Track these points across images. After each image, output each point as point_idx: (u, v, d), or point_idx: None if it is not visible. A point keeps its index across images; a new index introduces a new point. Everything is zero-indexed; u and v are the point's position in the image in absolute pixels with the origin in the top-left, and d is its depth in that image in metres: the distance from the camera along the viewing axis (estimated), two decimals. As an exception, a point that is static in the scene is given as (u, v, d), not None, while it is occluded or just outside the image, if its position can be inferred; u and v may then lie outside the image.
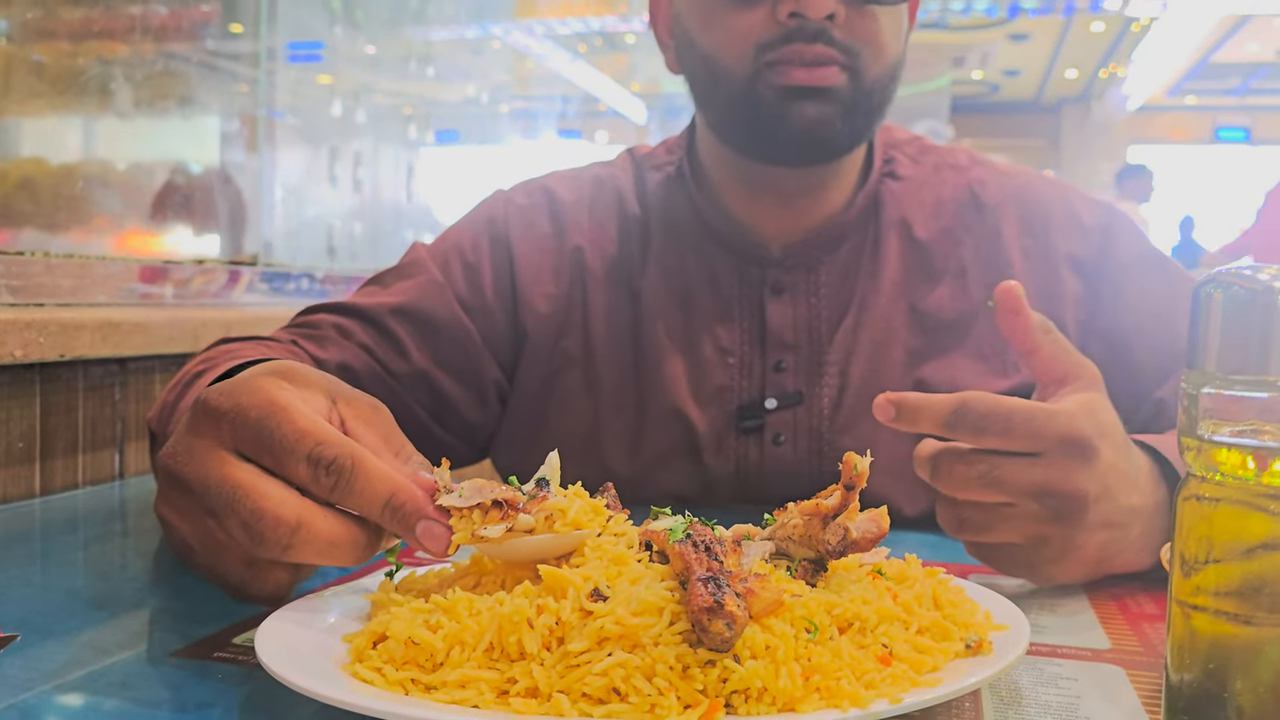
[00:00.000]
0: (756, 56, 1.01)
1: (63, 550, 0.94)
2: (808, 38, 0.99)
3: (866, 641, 0.56)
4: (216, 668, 0.61)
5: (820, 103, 1.01)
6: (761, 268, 1.12)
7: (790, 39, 1.00)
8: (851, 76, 1.01)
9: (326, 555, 0.61)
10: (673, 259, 1.14)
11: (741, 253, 1.12)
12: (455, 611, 0.56)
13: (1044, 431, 0.72)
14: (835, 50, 1.00)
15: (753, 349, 1.11)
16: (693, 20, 1.07)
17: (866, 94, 1.03)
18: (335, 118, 2.52)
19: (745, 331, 1.11)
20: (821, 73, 1.00)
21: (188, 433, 0.63)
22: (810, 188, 1.11)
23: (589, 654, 0.51)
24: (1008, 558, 0.79)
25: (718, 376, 1.11)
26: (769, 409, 1.09)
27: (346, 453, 0.60)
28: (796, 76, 1.00)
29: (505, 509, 0.60)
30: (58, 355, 1.12)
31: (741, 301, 1.12)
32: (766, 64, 1.01)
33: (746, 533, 0.65)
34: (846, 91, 1.01)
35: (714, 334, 1.11)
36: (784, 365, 1.10)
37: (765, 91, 1.01)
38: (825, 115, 1.01)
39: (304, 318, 1.11)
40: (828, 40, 1.00)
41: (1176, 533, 0.49)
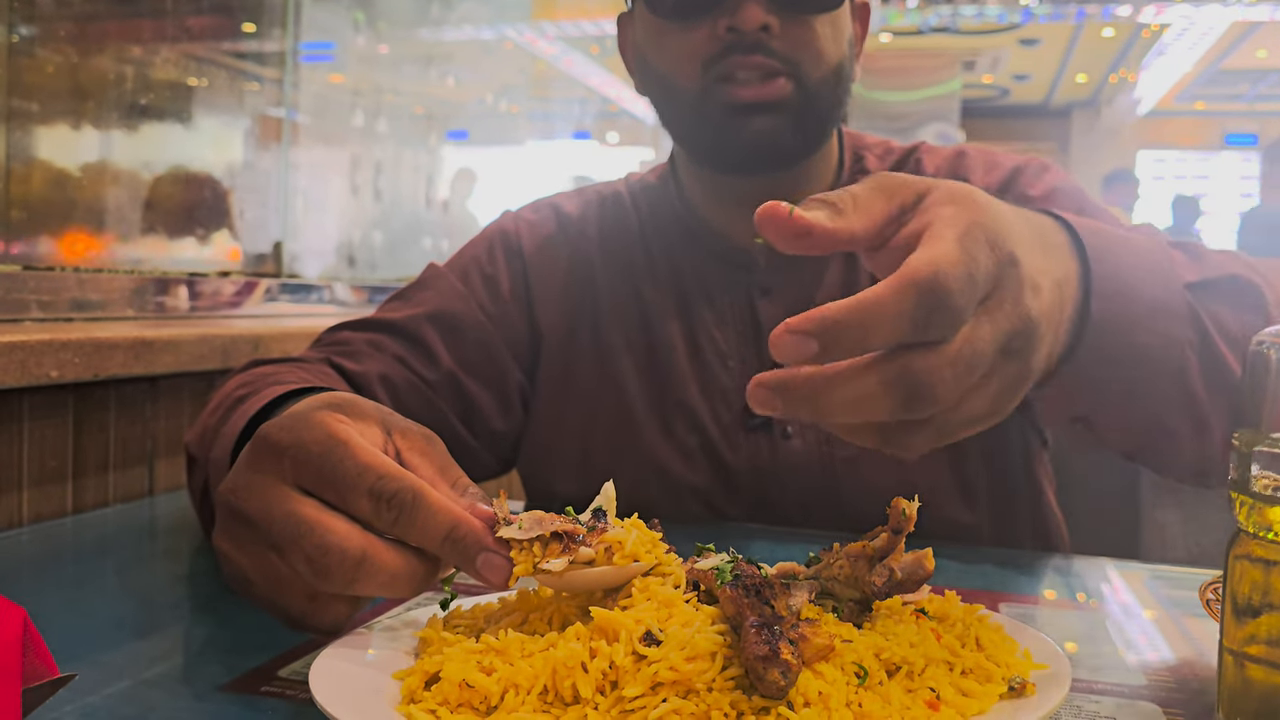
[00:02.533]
0: (704, 73, 1.06)
1: (100, 575, 0.95)
2: (745, 49, 1.04)
3: (914, 685, 0.56)
4: (265, 702, 0.62)
5: (769, 116, 1.05)
6: (748, 271, 1.16)
7: (730, 52, 1.04)
8: (796, 85, 1.05)
9: (388, 588, 0.61)
10: (669, 267, 1.19)
11: (726, 259, 1.17)
12: (508, 653, 0.56)
13: (967, 289, 0.57)
14: (775, 60, 1.04)
15: (749, 350, 1.15)
16: (647, 45, 1.12)
17: (812, 100, 1.07)
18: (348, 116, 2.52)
19: (740, 333, 1.15)
20: (767, 88, 1.04)
21: (249, 468, 0.64)
22: (777, 194, 1.10)
23: (643, 699, 0.52)
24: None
25: (721, 379, 1.15)
26: None
27: (407, 486, 0.61)
28: (743, 94, 1.04)
29: (566, 541, 0.61)
30: (91, 375, 1.13)
31: (733, 306, 1.16)
32: (715, 80, 1.05)
33: (791, 571, 0.66)
34: (793, 101, 1.06)
35: (712, 338, 1.16)
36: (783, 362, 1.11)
37: (714, 108, 1.06)
38: (775, 127, 1.06)
39: (333, 335, 1.14)
40: (766, 51, 1.04)
41: (1228, 586, 0.49)
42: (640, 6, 1.11)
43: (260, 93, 1.99)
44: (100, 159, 1.54)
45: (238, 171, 1.87)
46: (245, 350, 1.34)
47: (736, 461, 1.13)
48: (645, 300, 1.18)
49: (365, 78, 2.62)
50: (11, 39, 1.35)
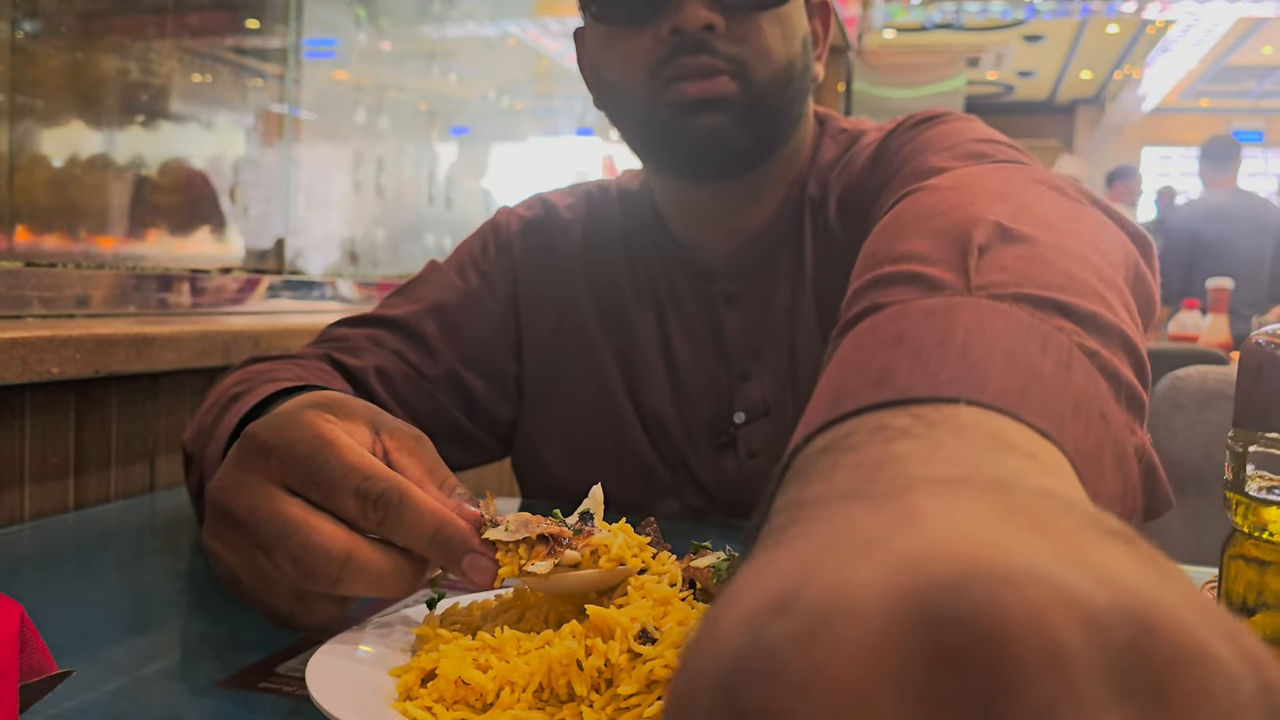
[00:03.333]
0: (651, 77, 1.04)
1: (100, 569, 0.95)
2: (691, 50, 1.02)
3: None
4: (262, 699, 0.62)
5: (714, 113, 1.03)
6: (711, 281, 1.15)
7: (676, 54, 1.03)
8: (742, 84, 1.03)
9: (375, 587, 0.62)
10: (646, 275, 1.19)
11: (692, 267, 1.16)
12: (504, 650, 0.57)
13: None
14: (720, 60, 1.02)
15: (715, 362, 1.13)
16: (597, 55, 1.11)
17: (760, 99, 1.04)
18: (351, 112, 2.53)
19: (706, 345, 1.14)
20: (711, 84, 1.02)
21: (236, 467, 0.64)
22: (736, 201, 1.13)
23: (639, 697, 0.52)
24: None
25: (689, 391, 1.14)
26: (737, 424, 1.11)
27: (394, 487, 0.61)
28: (687, 91, 1.03)
29: (551, 544, 0.61)
30: (93, 371, 1.13)
31: (699, 315, 1.15)
32: (662, 82, 1.04)
33: (787, 570, 0.66)
34: (739, 99, 1.03)
35: (681, 348, 1.15)
36: (749, 374, 1.12)
37: (662, 109, 1.04)
38: (720, 125, 1.04)
39: (332, 332, 1.15)
40: (711, 51, 1.02)
41: (1222, 589, 0.49)
42: (588, 18, 1.11)
43: (263, 89, 1.99)
44: (101, 155, 1.55)
45: (240, 168, 1.88)
46: (247, 347, 1.35)
47: (704, 475, 1.13)
48: (625, 304, 1.18)
49: (368, 74, 2.62)
50: (15, 35, 1.35)
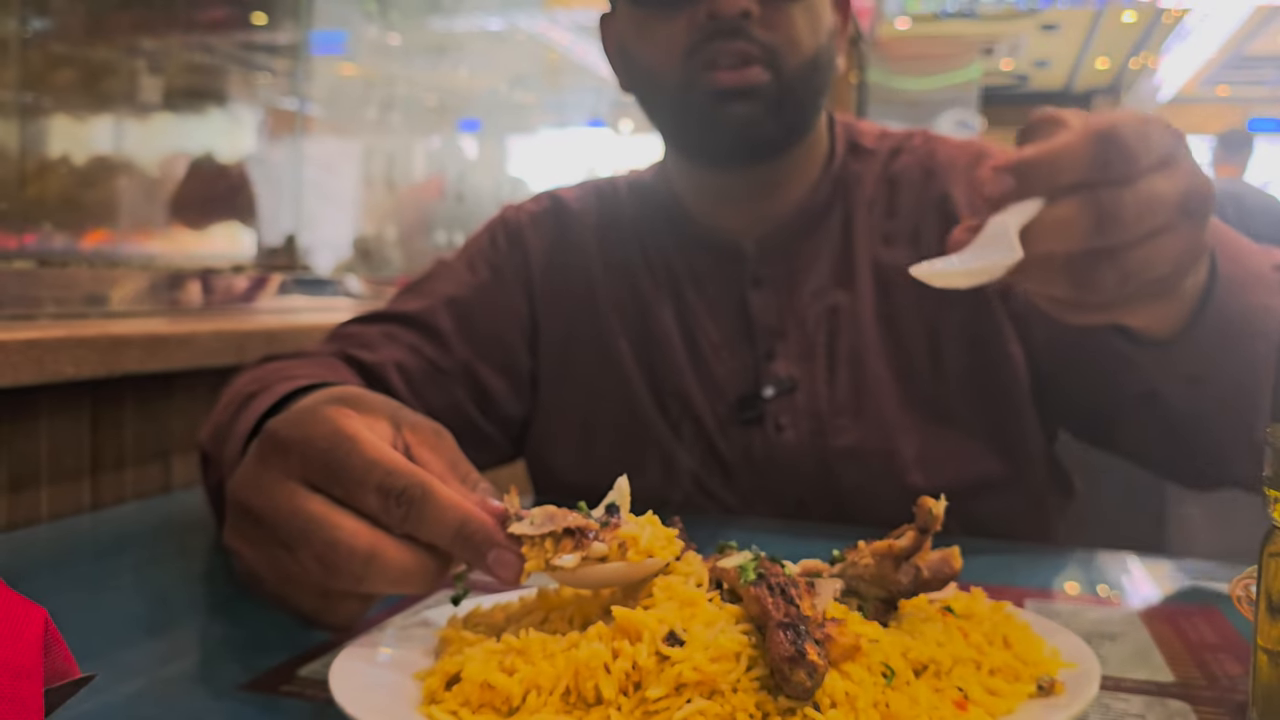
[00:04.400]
0: (686, 62, 1.06)
1: (118, 571, 0.95)
2: (726, 35, 1.04)
3: (942, 685, 0.55)
4: (285, 703, 0.62)
5: (746, 102, 1.06)
6: (739, 263, 1.16)
7: (712, 39, 1.05)
8: (773, 73, 1.06)
9: (399, 585, 0.61)
10: (663, 260, 1.20)
11: (717, 251, 1.17)
12: (530, 653, 0.56)
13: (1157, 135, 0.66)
14: (754, 46, 1.05)
15: (742, 341, 1.15)
16: (629, 38, 1.13)
17: (789, 88, 1.07)
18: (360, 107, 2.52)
19: (732, 326, 1.15)
20: (745, 73, 1.05)
21: (257, 464, 0.64)
22: (765, 185, 1.16)
23: (667, 700, 0.51)
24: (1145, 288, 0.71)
25: (715, 370, 1.15)
26: (766, 398, 1.13)
27: (416, 482, 0.60)
28: (722, 79, 1.05)
29: (578, 537, 0.60)
30: (107, 372, 1.13)
31: (725, 297, 1.16)
32: (697, 68, 1.06)
33: (815, 569, 0.65)
34: (770, 88, 1.06)
35: (705, 330, 1.16)
36: (775, 353, 1.13)
37: (697, 96, 1.07)
38: (753, 114, 1.07)
39: (345, 330, 1.15)
40: (746, 37, 1.05)
41: (1261, 585, 0.48)
42: (621, 1, 1.13)
43: (273, 85, 1.99)
44: (112, 153, 1.54)
45: (250, 164, 1.87)
46: (260, 345, 1.34)
47: (730, 453, 1.13)
48: (641, 291, 1.19)
49: (377, 68, 2.62)
50: (24, 34, 1.35)
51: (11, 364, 1.01)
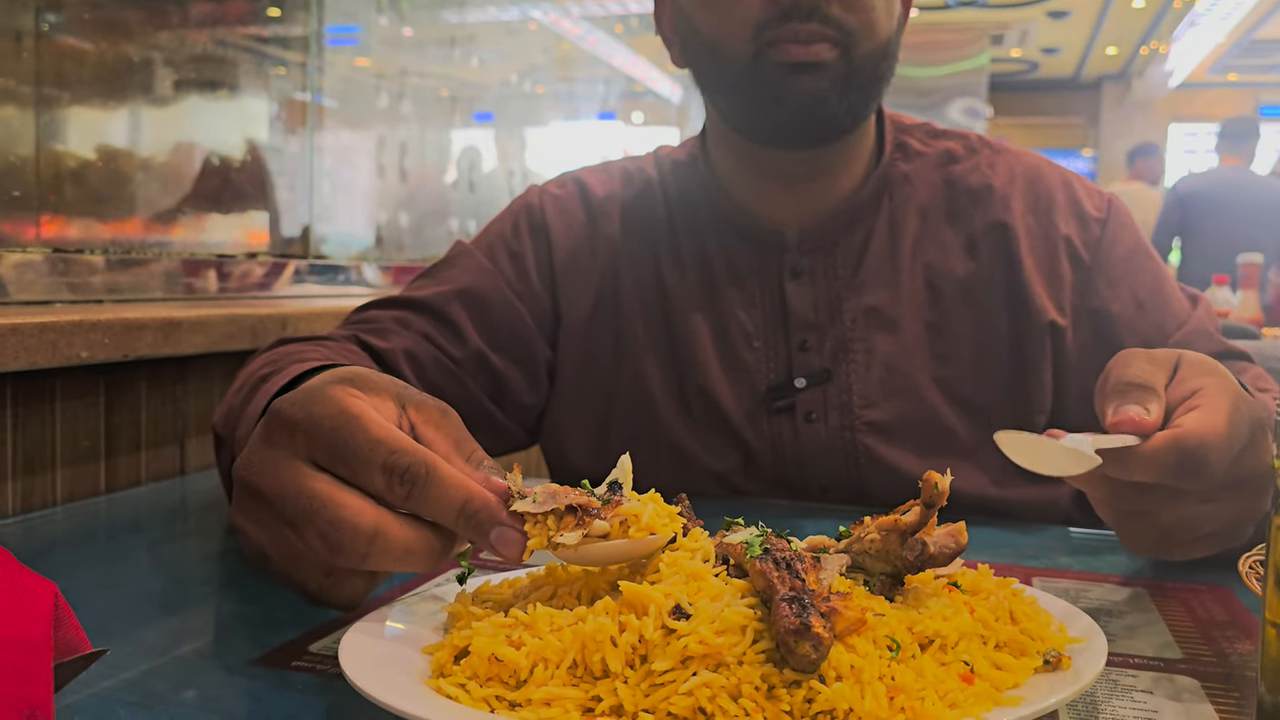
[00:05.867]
0: (755, 37, 1.05)
1: (132, 552, 0.96)
2: (803, 15, 1.04)
3: (947, 659, 0.56)
4: (296, 678, 0.62)
5: (815, 78, 1.05)
6: (779, 253, 1.15)
7: (787, 17, 1.04)
8: (843, 53, 1.06)
9: (402, 562, 0.61)
10: (695, 248, 1.18)
11: (757, 240, 1.16)
12: (537, 627, 0.56)
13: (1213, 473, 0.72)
14: (829, 28, 1.04)
15: (776, 332, 1.14)
16: (694, 10, 1.11)
17: (859, 70, 1.07)
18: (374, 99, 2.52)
19: (767, 315, 1.15)
20: (815, 49, 1.04)
21: (262, 444, 0.64)
22: (817, 171, 1.15)
23: (674, 673, 0.51)
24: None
25: (745, 359, 1.14)
26: (798, 388, 1.13)
27: (420, 460, 0.60)
28: (793, 53, 1.04)
29: (580, 515, 0.60)
30: (121, 355, 1.14)
31: (761, 287, 1.16)
32: (766, 44, 1.05)
33: (822, 544, 0.65)
34: (839, 67, 1.06)
35: (738, 319, 1.15)
36: (809, 345, 1.14)
37: (767, 69, 1.05)
38: (820, 90, 1.06)
39: (360, 314, 1.14)
40: (822, 18, 1.04)
41: (1270, 558, 0.48)
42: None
43: (286, 77, 1.99)
44: (127, 145, 1.55)
45: (266, 155, 1.88)
46: (274, 330, 1.35)
47: (758, 443, 1.13)
48: (667, 283, 1.18)
49: (390, 61, 2.62)
50: (40, 26, 1.35)
51: (26, 347, 1.02)
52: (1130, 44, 10.74)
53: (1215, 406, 0.71)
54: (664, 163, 1.25)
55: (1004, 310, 1.13)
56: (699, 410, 1.15)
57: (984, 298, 1.13)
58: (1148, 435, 0.69)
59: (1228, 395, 0.73)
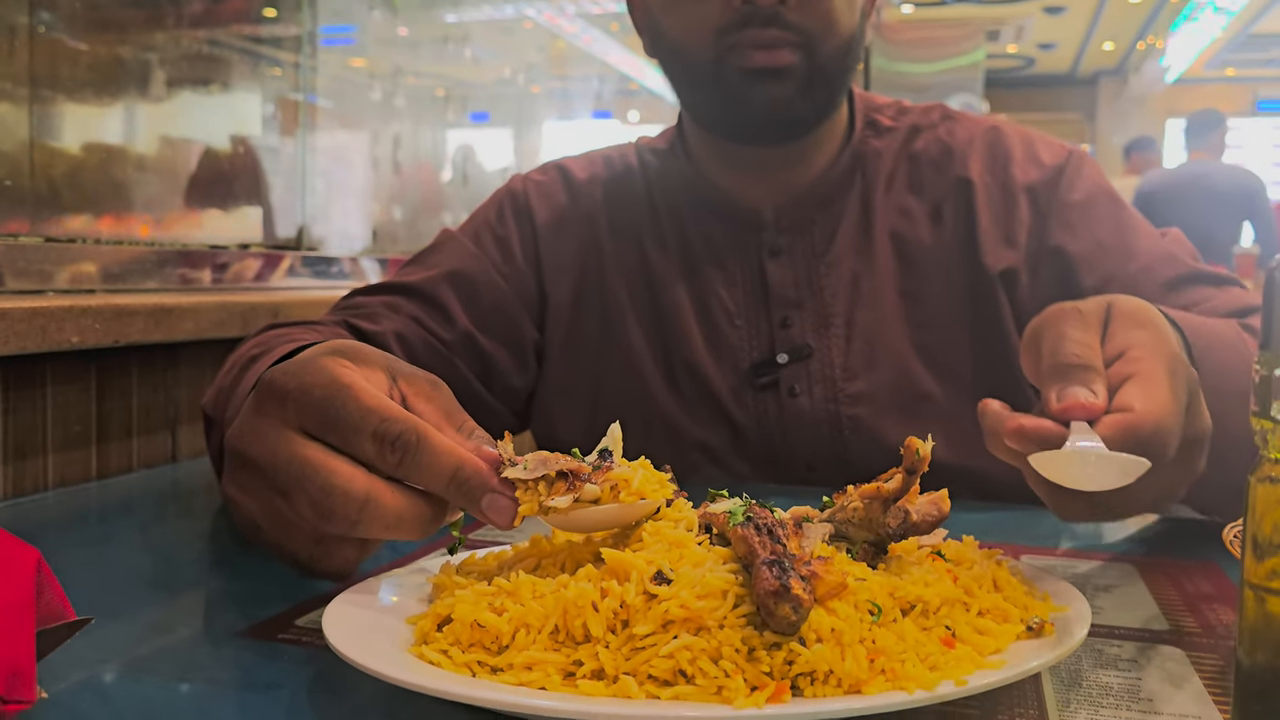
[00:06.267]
0: (717, 42, 1.07)
1: (123, 533, 0.96)
2: (762, 22, 1.05)
3: (929, 624, 0.56)
4: (282, 649, 0.62)
5: (778, 83, 1.07)
6: (757, 232, 1.17)
7: (746, 23, 1.05)
8: (805, 55, 1.07)
9: (393, 530, 0.61)
10: (676, 229, 1.20)
11: (735, 220, 1.18)
12: (520, 594, 0.56)
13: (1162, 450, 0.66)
14: (789, 32, 1.05)
15: (757, 310, 1.16)
16: (657, 9, 1.13)
17: (821, 69, 1.08)
18: (371, 102, 2.53)
19: (748, 293, 1.16)
20: (776, 54, 1.06)
21: (254, 413, 0.64)
22: (789, 159, 1.17)
23: (654, 637, 0.51)
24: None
25: (729, 338, 1.16)
26: (781, 364, 1.14)
27: (410, 428, 0.60)
28: (754, 59, 1.06)
29: (571, 480, 0.60)
30: (112, 341, 1.14)
31: (741, 266, 1.17)
32: (727, 48, 1.06)
33: (805, 514, 0.65)
34: (801, 70, 1.07)
35: (719, 297, 1.17)
36: (790, 321, 1.15)
37: (728, 74, 1.07)
38: (784, 95, 1.07)
39: (349, 300, 1.15)
40: (782, 24, 1.05)
41: (1249, 516, 0.48)
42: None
43: (282, 77, 1.99)
44: (122, 141, 1.55)
45: (261, 154, 1.88)
46: (265, 317, 1.35)
47: (744, 419, 1.15)
48: (651, 261, 1.19)
49: (386, 60, 2.62)
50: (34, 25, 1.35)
51: (16, 332, 1.02)
52: (1127, 39, 10.75)
53: (1155, 378, 0.66)
54: (644, 150, 1.28)
55: (965, 268, 1.14)
56: (687, 386, 1.16)
57: (948, 259, 1.15)
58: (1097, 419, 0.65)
59: (1163, 359, 0.67)
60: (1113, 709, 0.56)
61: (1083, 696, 0.57)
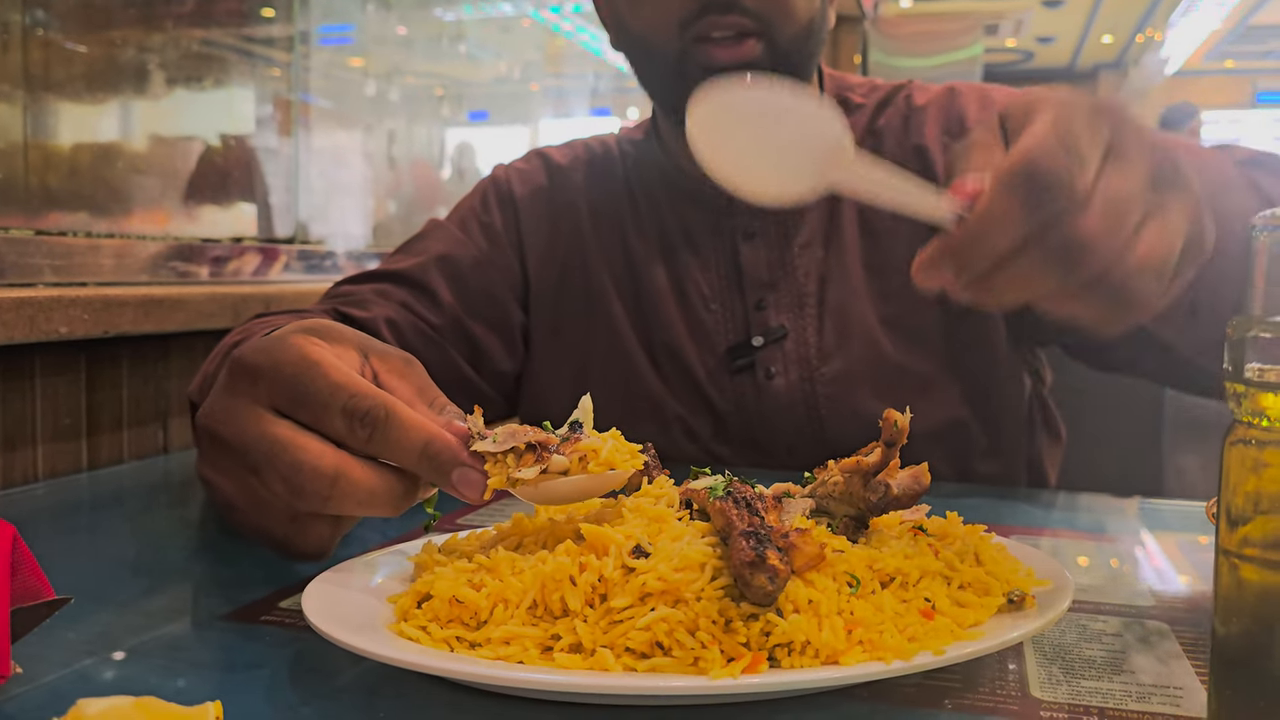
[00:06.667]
0: (681, 34, 1.06)
1: (110, 522, 0.96)
2: (720, 9, 1.04)
3: (908, 596, 0.56)
4: (264, 630, 0.62)
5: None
6: (729, 217, 1.18)
7: (705, 10, 1.04)
8: (767, 44, 1.06)
9: (366, 505, 0.61)
10: (653, 215, 1.21)
11: (708, 205, 1.19)
12: (498, 570, 0.56)
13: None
14: (748, 19, 1.05)
15: (732, 293, 1.17)
16: (621, 4, 1.13)
17: (784, 57, 1.08)
18: (369, 101, 2.53)
19: (722, 278, 1.17)
20: (740, 50, 1.05)
21: (224, 392, 0.64)
22: None
23: (632, 610, 0.51)
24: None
25: (705, 322, 1.17)
26: (756, 346, 1.15)
27: (380, 403, 0.60)
28: (718, 56, 1.05)
29: (539, 451, 0.60)
30: (101, 332, 1.14)
31: (715, 250, 1.18)
32: (692, 41, 1.06)
33: (786, 490, 0.65)
34: (765, 61, 1.07)
35: (695, 282, 1.18)
36: (765, 304, 1.16)
37: (692, 70, 1.06)
38: None
39: (338, 289, 1.16)
40: (740, 10, 1.04)
41: (1223, 484, 0.48)
42: None
43: (278, 76, 1.99)
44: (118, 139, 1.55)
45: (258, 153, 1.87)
46: (257, 308, 1.35)
47: (723, 403, 1.15)
48: (631, 246, 1.20)
49: (383, 59, 2.62)
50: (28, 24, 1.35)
51: (4, 322, 1.02)
52: (1125, 32, 10.73)
53: (1030, 127, 0.58)
54: (623, 140, 1.29)
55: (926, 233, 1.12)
56: (669, 368, 1.17)
57: (909, 228, 1.13)
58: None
59: (1051, 104, 0.59)
60: (1094, 680, 0.55)
61: (1065, 669, 0.57)
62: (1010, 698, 0.53)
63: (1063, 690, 0.54)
